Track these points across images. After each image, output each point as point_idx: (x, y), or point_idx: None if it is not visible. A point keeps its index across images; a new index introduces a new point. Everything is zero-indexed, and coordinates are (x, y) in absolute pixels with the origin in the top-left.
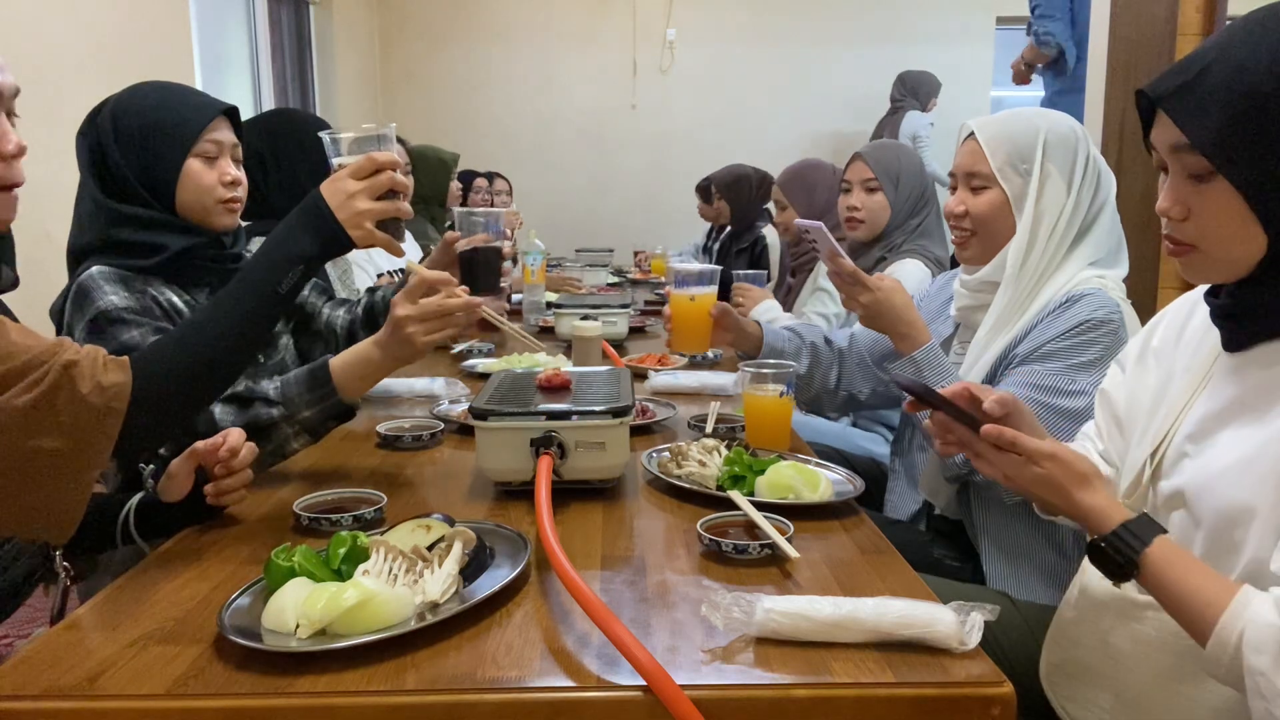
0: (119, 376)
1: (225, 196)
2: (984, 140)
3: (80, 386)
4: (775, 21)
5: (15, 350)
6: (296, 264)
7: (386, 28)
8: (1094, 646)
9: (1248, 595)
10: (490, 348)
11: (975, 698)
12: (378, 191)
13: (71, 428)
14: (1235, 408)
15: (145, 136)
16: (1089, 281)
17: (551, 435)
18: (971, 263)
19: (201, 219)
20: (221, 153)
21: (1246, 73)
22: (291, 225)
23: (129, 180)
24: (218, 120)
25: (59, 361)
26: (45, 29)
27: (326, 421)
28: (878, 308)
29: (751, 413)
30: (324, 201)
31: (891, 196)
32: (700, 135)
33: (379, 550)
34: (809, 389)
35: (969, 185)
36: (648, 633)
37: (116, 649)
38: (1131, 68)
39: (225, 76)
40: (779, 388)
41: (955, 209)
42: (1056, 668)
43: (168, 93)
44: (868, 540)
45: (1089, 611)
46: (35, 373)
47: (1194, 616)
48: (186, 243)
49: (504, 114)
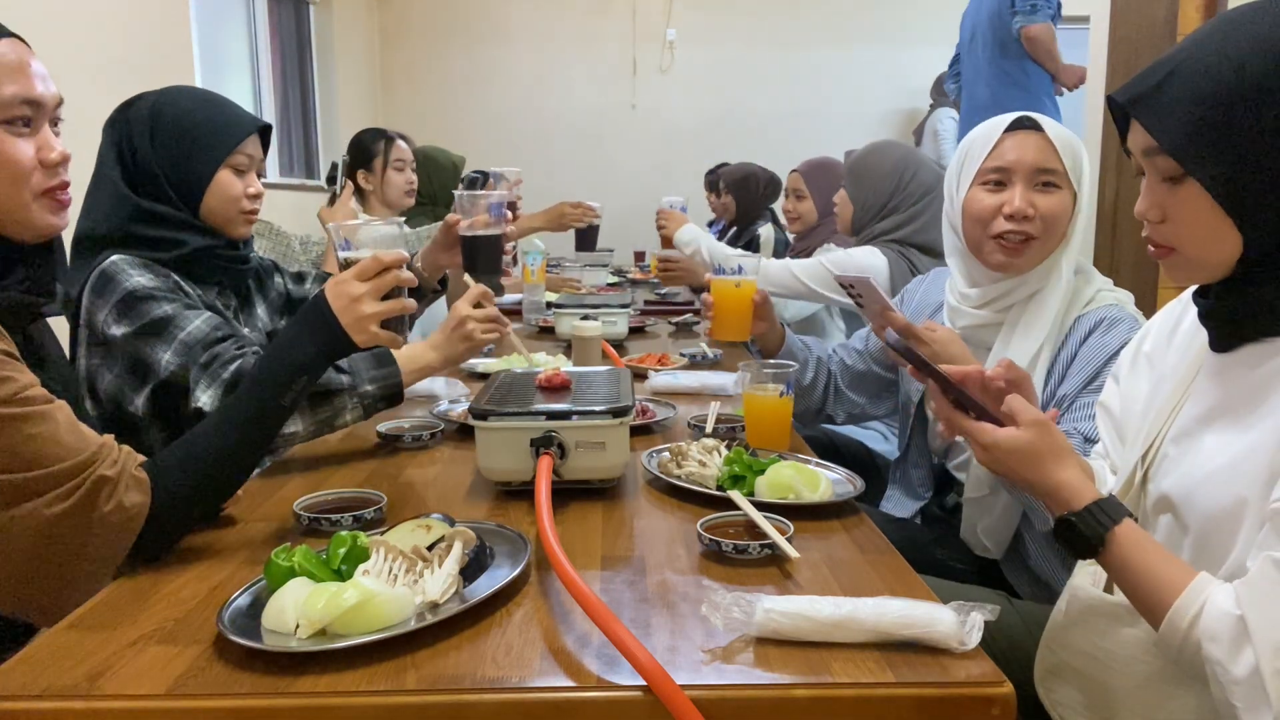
0: (138, 498)
1: (248, 208)
2: (1054, 135)
3: (103, 505)
4: (776, 21)
5: (60, 454)
6: (299, 375)
7: (386, 28)
8: (1085, 650)
9: (1204, 582)
10: (490, 347)
11: (975, 698)
12: (382, 292)
13: (89, 540)
14: (1220, 410)
15: (182, 138)
16: (1108, 301)
17: (551, 435)
18: (1019, 271)
19: (222, 226)
20: (251, 167)
21: (1211, 75)
22: (297, 328)
23: (158, 177)
24: (253, 135)
25: (94, 475)
26: (45, 29)
27: (380, 400)
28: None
29: (751, 412)
30: (328, 306)
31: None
32: (700, 135)
33: (379, 550)
34: (804, 401)
35: (1036, 182)
36: (648, 633)
37: (116, 649)
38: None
39: (225, 76)
40: (779, 387)
41: (1023, 209)
42: (1049, 672)
43: (210, 100)
44: (868, 540)
45: (1080, 615)
46: (71, 482)
47: (1151, 599)
48: (205, 243)
49: (504, 114)
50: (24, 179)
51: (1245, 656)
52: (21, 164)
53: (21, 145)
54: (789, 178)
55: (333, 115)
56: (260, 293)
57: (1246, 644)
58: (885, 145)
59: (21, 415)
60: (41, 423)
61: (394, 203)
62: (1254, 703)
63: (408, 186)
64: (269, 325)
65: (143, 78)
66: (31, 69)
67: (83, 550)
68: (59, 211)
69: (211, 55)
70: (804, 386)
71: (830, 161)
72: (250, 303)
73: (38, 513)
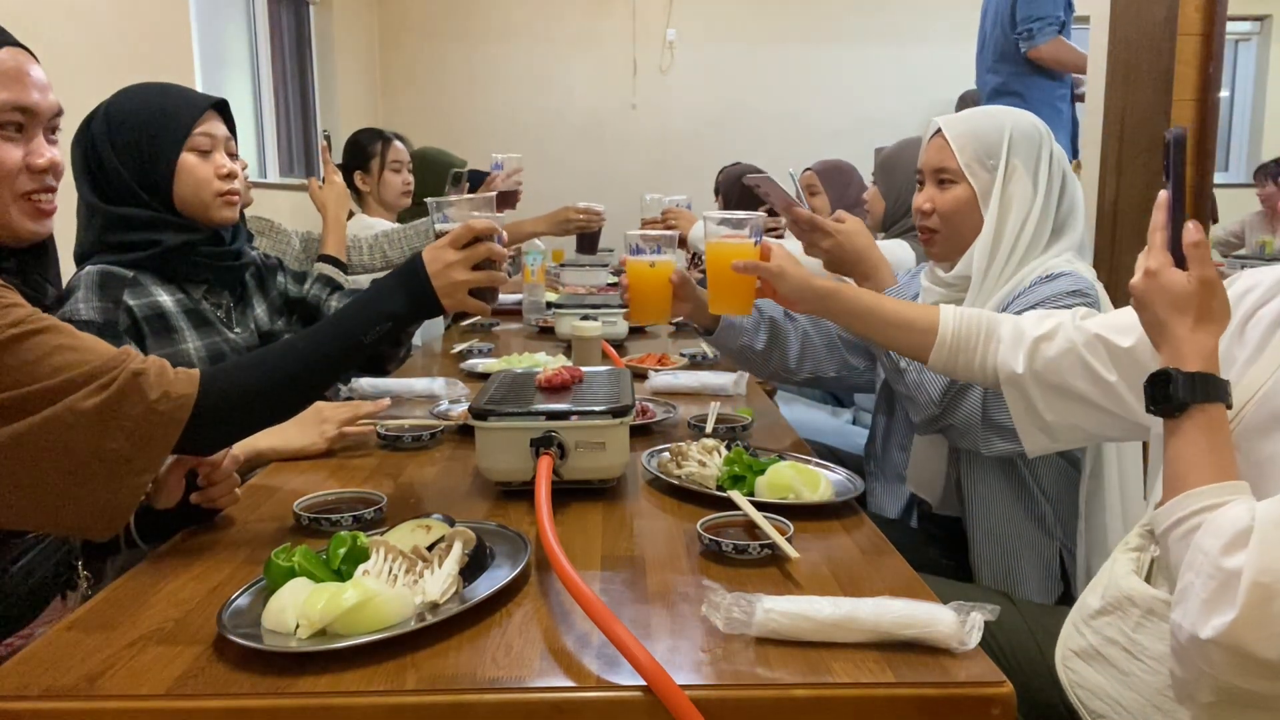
0: (187, 389)
1: (222, 189)
2: (951, 136)
3: (149, 393)
4: (775, 21)
5: (86, 355)
6: (386, 320)
7: (386, 27)
8: (1116, 638)
9: (1238, 489)
10: (490, 348)
11: (975, 698)
12: (474, 261)
13: (134, 432)
14: None
15: (139, 135)
16: (1062, 265)
17: (551, 435)
18: (939, 259)
19: (201, 214)
20: (215, 146)
21: None
22: (391, 282)
23: (125, 181)
24: (209, 114)
25: (128, 368)
26: (45, 29)
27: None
28: (839, 251)
29: (715, 264)
30: (423, 266)
31: (883, 188)
32: (700, 135)
33: (379, 550)
34: (766, 366)
35: (936, 181)
36: (648, 633)
37: (116, 649)
38: (1131, 68)
39: (225, 76)
40: (749, 237)
41: (922, 205)
42: (1076, 653)
43: (158, 91)
44: (868, 540)
45: (1116, 602)
46: (104, 377)
47: (1185, 478)
48: (182, 238)
49: (504, 114)
50: (7, 182)
51: (1236, 557)
52: (6, 166)
53: (9, 150)
54: (803, 175)
55: (333, 115)
56: (261, 291)
57: (1242, 550)
58: (916, 141)
59: (45, 327)
60: (65, 335)
61: (390, 203)
62: (1221, 596)
63: (404, 187)
64: (267, 325)
65: (142, 78)
66: (30, 78)
67: (130, 445)
68: (39, 218)
69: (211, 55)
70: (759, 351)
71: (846, 165)
72: (246, 302)
73: (76, 406)
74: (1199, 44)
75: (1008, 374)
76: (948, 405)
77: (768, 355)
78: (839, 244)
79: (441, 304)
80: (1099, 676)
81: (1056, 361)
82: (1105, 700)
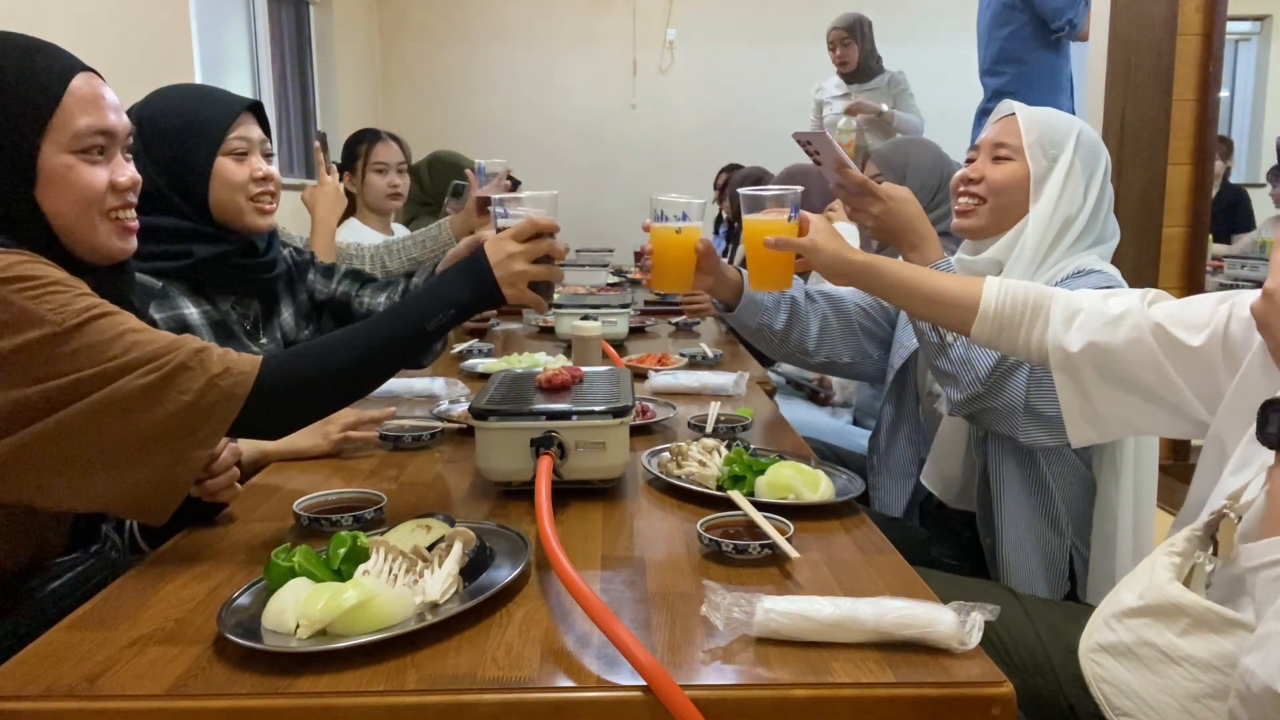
0: (248, 367)
1: (256, 192)
2: (1022, 118)
3: (211, 368)
4: (775, 21)
5: (152, 336)
6: (449, 307)
7: (386, 27)
8: (1154, 640)
9: None
10: (490, 348)
11: (975, 698)
12: (535, 255)
13: (194, 406)
14: None
15: (173, 140)
16: (1093, 264)
17: (551, 435)
18: (970, 232)
19: (235, 219)
20: (251, 149)
21: None
22: (456, 272)
23: (160, 189)
24: (244, 116)
25: (190, 346)
26: (44, 29)
27: None
28: (889, 218)
29: (752, 241)
30: (486, 259)
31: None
32: (700, 135)
33: (379, 550)
34: (784, 346)
35: (992, 155)
36: (648, 633)
37: (116, 649)
38: (1131, 68)
39: (225, 76)
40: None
41: (970, 174)
42: (1105, 648)
43: (191, 94)
44: (868, 540)
45: (1159, 606)
46: (167, 355)
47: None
48: (214, 250)
49: (504, 114)
50: (97, 202)
51: None
52: (95, 189)
53: (97, 172)
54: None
55: (333, 115)
56: (290, 295)
57: None
58: (915, 142)
59: (113, 311)
60: (131, 320)
61: (376, 206)
62: None
63: (389, 190)
64: (294, 334)
65: (142, 78)
66: (105, 101)
67: (186, 416)
68: (126, 235)
69: (211, 55)
70: (777, 331)
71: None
72: (274, 311)
73: (125, 387)
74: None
75: (1060, 356)
76: (993, 385)
77: (786, 335)
78: (889, 210)
79: (503, 294)
80: (1128, 674)
81: (1122, 352)
82: (1133, 699)
